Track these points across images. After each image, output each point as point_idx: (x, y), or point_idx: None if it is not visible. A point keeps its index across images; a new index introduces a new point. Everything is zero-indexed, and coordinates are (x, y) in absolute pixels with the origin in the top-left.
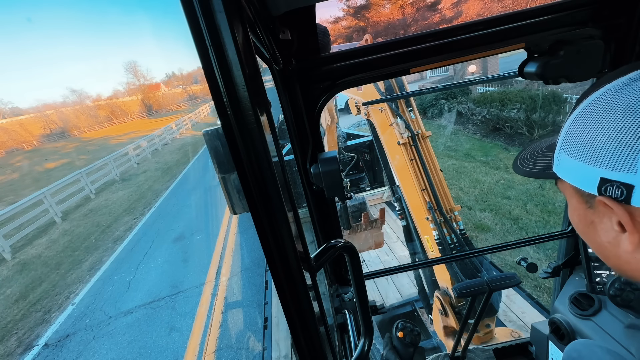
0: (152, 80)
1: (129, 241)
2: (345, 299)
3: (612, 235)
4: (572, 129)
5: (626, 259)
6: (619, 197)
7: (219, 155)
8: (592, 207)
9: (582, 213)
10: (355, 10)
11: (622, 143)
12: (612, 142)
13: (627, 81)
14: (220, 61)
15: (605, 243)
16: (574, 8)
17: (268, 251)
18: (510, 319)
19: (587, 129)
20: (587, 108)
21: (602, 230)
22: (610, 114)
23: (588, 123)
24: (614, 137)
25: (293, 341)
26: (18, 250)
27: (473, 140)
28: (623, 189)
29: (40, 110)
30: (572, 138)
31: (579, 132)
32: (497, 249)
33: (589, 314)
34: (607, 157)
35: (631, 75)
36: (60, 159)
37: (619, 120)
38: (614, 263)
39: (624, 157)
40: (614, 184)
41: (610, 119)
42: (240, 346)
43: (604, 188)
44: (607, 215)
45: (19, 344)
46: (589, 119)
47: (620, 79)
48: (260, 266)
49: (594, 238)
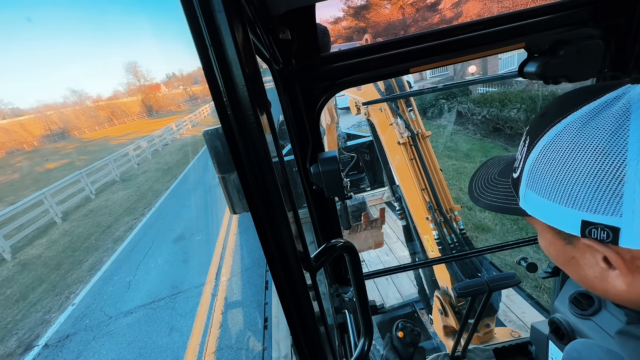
0: (152, 81)
1: (129, 241)
2: (345, 298)
3: (599, 270)
4: (537, 168)
5: (616, 293)
6: (604, 240)
7: (219, 155)
8: (571, 244)
9: (560, 249)
10: (355, 10)
11: (602, 187)
12: (590, 185)
13: (586, 117)
14: (220, 61)
15: (590, 277)
16: (574, 8)
17: (268, 251)
18: (510, 319)
19: (556, 170)
20: (550, 146)
21: (586, 265)
22: (580, 154)
23: (556, 163)
24: (591, 180)
25: (293, 341)
26: (18, 250)
27: (473, 141)
28: (609, 231)
29: (40, 111)
30: (539, 177)
31: (547, 172)
32: (497, 249)
33: (589, 313)
34: (587, 201)
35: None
36: (61, 159)
37: (593, 163)
38: (602, 294)
39: (607, 201)
40: (598, 226)
41: (581, 160)
42: (240, 346)
43: (587, 231)
44: (590, 252)
45: (19, 344)
46: (556, 158)
47: (577, 113)
48: (260, 266)
49: (577, 272)
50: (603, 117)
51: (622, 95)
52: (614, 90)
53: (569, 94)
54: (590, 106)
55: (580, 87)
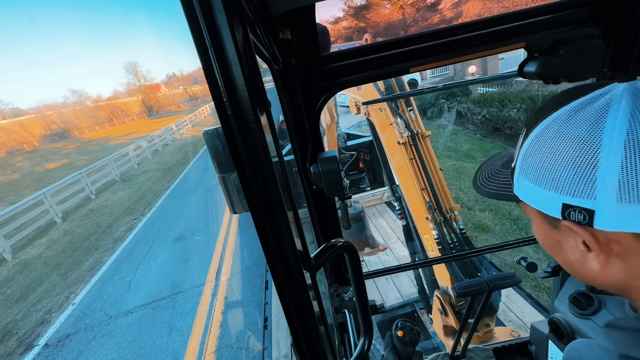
0: (152, 81)
1: (129, 241)
2: (345, 298)
3: (579, 253)
4: (528, 156)
5: (594, 276)
6: (582, 221)
7: (219, 155)
8: (556, 228)
9: (547, 233)
10: (355, 10)
11: (579, 172)
12: (570, 170)
13: (572, 110)
14: (220, 61)
15: (572, 260)
16: (574, 7)
17: (268, 251)
18: (509, 319)
19: (543, 157)
20: (540, 136)
21: (568, 249)
22: (563, 143)
23: (543, 151)
24: (570, 166)
25: (293, 341)
26: (18, 250)
27: (473, 141)
28: (585, 213)
29: (40, 111)
30: (530, 164)
31: (536, 159)
32: (497, 249)
33: (589, 313)
34: (567, 185)
35: (575, 104)
36: (61, 159)
37: (573, 150)
38: (582, 277)
39: (583, 185)
40: (576, 209)
41: (564, 148)
42: (240, 346)
43: (567, 213)
44: (572, 235)
45: (19, 344)
46: (544, 146)
47: (566, 107)
48: (260, 266)
49: (562, 255)
50: (586, 111)
51: (607, 92)
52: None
53: (564, 91)
54: (578, 101)
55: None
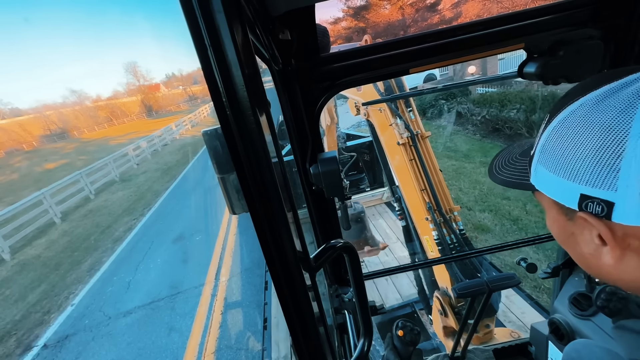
0: (151, 81)
1: (128, 242)
2: (344, 299)
3: (593, 247)
4: (549, 143)
5: (608, 271)
6: (599, 214)
7: (218, 155)
8: (572, 220)
9: (562, 225)
10: (355, 10)
11: (601, 161)
12: (591, 159)
13: (601, 96)
14: (220, 61)
15: (586, 254)
16: (574, 8)
17: (267, 252)
18: (509, 320)
19: (564, 144)
20: (564, 122)
21: (582, 242)
22: (587, 130)
23: (565, 138)
24: (592, 154)
25: (292, 342)
26: (17, 250)
27: (473, 141)
28: (604, 205)
29: (39, 111)
30: (549, 152)
31: (556, 147)
32: (497, 249)
33: (589, 314)
34: (587, 174)
35: (604, 89)
36: (60, 159)
37: (597, 138)
38: (595, 272)
39: (604, 175)
40: (594, 200)
41: (587, 136)
42: (239, 347)
43: (584, 204)
44: (588, 228)
45: (18, 345)
46: (566, 134)
47: (594, 93)
48: (259, 267)
49: (575, 248)
50: (616, 97)
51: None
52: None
53: (594, 76)
54: (609, 86)
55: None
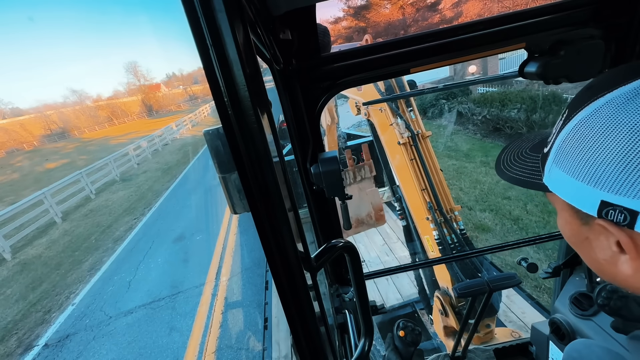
0: (152, 81)
1: (129, 241)
2: (345, 298)
3: (609, 254)
4: (568, 143)
5: (623, 279)
6: (621, 222)
7: (219, 155)
8: (587, 225)
9: (575, 228)
10: (355, 10)
11: (629, 167)
12: (617, 164)
13: (632, 93)
14: (221, 61)
15: (601, 260)
16: (575, 8)
17: (268, 251)
18: (510, 319)
19: (587, 146)
20: (586, 121)
21: (598, 247)
22: (614, 132)
23: (588, 139)
24: (619, 159)
25: (293, 341)
26: (18, 250)
27: (473, 141)
28: (627, 214)
29: (40, 111)
30: (567, 153)
31: (577, 148)
32: (497, 249)
33: (589, 314)
34: (611, 181)
35: (635, 85)
36: (61, 159)
37: (626, 142)
38: (609, 278)
39: (631, 182)
40: (617, 208)
41: (614, 138)
42: (240, 346)
43: (604, 211)
44: (604, 235)
45: (19, 344)
46: (589, 134)
47: (623, 89)
48: (260, 266)
49: (589, 253)
50: None
51: None
52: None
53: (625, 65)
54: (634, 86)
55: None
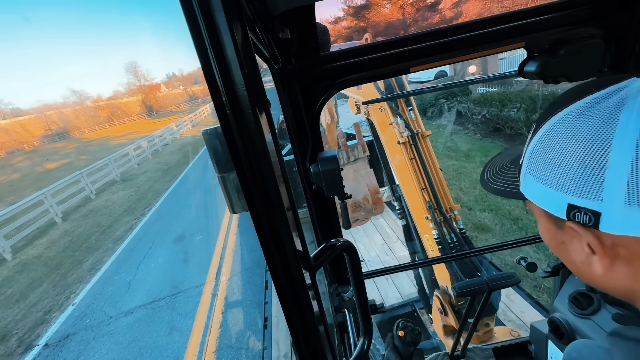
0: (152, 81)
1: (129, 241)
2: (344, 298)
3: (584, 255)
4: (535, 153)
5: (598, 279)
6: (587, 223)
7: (218, 154)
8: (562, 229)
9: (552, 233)
10: (355, 10)
11: (586, 172)
12: (577, 170)
13: (584, 107)
14: (220, 60)
15: (577, 262)
16: (574, 7)
17: (267, 250)
18: (509, 318)
19: (550, 154)
20: (549, 132)
21: (573, 250)
22: (571, 141)
23: (551, 148)
24: (577, 165)
25: (293, 340)
26: (18, 250)
27: (473, 140)
28: (591, 215)
29: (40, 111)
30: (536, 162)
31: (543, 157)
32: (497, 249)
33: (588, 313)
34: (573, 185)
35: (587, 100)
36: (61, 159)
37: (581, 149)
38: (587, 279)
39: (590, 186)
40: (582, 210)
41: (572, 146)
42: (240, 346)
43: (572, 214)
44: (577, 237)
45: (19, 344)
46: (552, 144)
47: (578, 104)
48: (260, 266)
49: (566, 256)
50: (599, 108)
51: (623, 88)
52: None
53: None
54: (591, 97)
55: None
